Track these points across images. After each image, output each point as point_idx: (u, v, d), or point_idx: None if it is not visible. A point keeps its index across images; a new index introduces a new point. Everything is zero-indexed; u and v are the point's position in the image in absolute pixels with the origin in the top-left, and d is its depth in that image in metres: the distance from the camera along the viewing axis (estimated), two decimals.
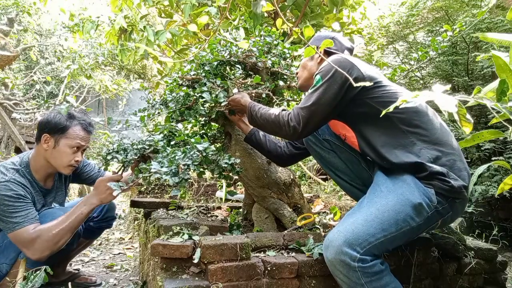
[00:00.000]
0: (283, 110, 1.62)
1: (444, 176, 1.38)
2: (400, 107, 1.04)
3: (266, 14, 3.68)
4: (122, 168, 1.84)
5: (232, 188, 3.20)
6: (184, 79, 1.90)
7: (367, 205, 1.42)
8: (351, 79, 1.09)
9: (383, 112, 1.00)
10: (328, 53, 1.76)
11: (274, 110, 1.64)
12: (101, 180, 1.86)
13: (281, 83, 2.01)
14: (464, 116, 0.88)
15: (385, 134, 1.50)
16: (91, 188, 2.16)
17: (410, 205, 1.36)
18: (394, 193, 1.40)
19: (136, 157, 1.71)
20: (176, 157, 1.46)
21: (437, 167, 1.39)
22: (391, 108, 0.93)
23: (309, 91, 1.56)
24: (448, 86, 0.99)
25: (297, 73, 1.89)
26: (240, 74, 1.85)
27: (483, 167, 1.10)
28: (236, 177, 2.04)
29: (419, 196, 1.37)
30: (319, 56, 1.74)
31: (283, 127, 1.57)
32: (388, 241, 1.35)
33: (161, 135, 1.77)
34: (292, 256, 1.56)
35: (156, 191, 2.96)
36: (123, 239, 3.57)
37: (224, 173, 1.59)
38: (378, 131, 1.52)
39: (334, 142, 1.77)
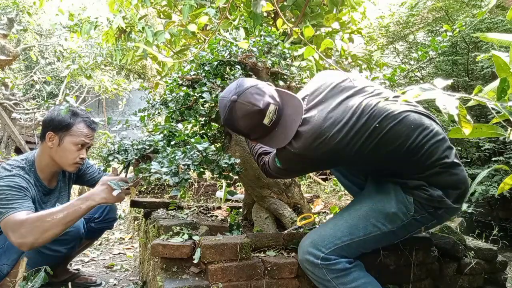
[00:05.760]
0: (263, 152, 1.64)
1: (425, 186, 1.38)
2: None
3: (266, 14, 3.68)
4: (125, 168, 1.83)
5: (232, 188, 3.19)
6: (184, 79, 1.90)
7: (344, 210, 1.53)
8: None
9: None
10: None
11: (257, 148, 1.68)
12: (108, 179, 1.68)
13: (281, 83, 2.01)
14: (465, 117, 0.87)
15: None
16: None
17: (382, 213, 1.41)
18: (371, 200, 1.46)
19: (136, 157, 1.71)
20: (176, 157, 1.46)
21: (418, 182, 1.39)
22: (387, 97, 0.93)
23: (277, 163, 1.50)
24: (449, 81, 0.98)
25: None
26: (240, 74, 1.85)
27: (484, 173, 1.09)
28: (236, 177, 2.04)
29: (395, 205, 1.39)
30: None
31: (260, 167, 1.66)
32: (357, 244, 1.42)
33: (161, 135, 1.77)
34: (292, 256, 1.56)
35: (156, 191, 2.96)
36: (123, 239, 3.56)
37: (224, 173, 1.59)
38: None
39: None
